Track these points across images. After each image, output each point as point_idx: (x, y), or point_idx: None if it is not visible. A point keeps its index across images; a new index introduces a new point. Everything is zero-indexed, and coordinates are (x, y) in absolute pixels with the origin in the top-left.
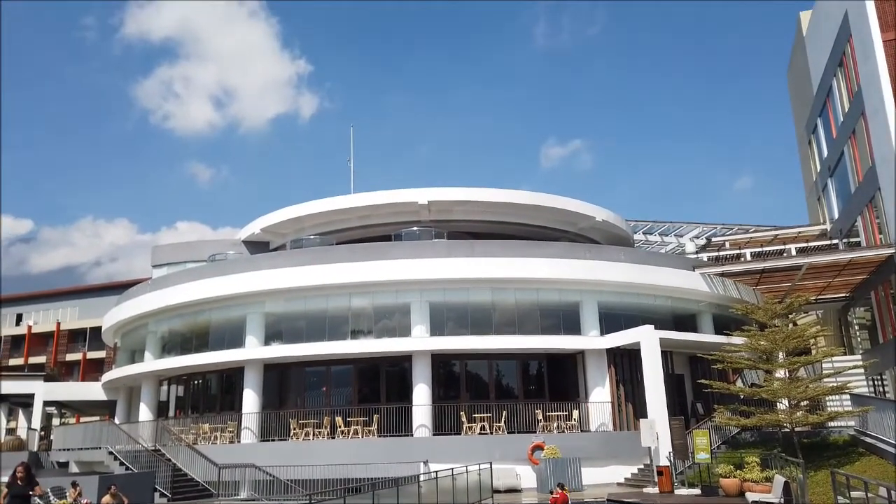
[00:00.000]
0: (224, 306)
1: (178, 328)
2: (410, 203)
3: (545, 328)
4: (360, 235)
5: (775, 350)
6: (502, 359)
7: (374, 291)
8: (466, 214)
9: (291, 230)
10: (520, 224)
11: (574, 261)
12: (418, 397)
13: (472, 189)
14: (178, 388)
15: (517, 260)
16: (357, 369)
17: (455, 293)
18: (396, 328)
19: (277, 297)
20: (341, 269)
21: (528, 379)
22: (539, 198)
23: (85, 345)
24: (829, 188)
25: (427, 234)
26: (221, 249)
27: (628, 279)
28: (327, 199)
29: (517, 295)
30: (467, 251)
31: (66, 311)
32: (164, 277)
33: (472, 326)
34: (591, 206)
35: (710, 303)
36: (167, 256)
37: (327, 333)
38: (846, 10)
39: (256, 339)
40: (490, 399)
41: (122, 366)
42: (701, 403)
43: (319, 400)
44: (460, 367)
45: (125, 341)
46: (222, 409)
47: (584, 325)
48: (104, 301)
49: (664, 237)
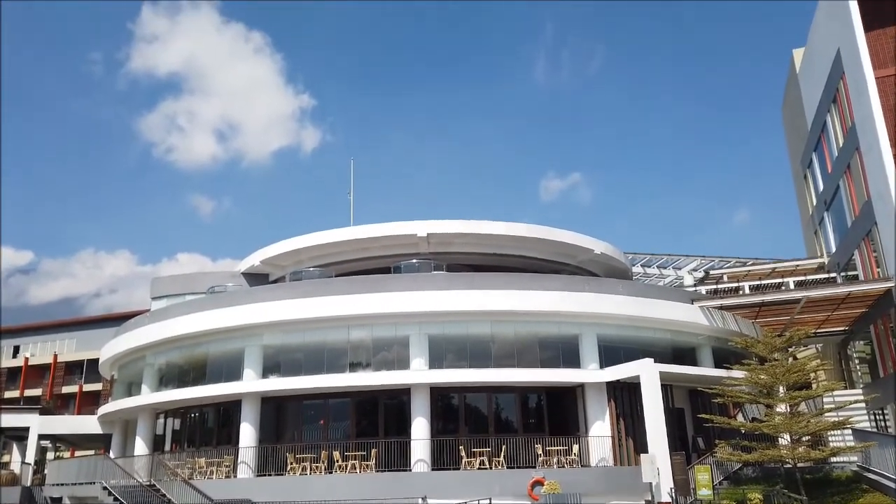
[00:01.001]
0: (222, 339)
1: (175, 361)
2: (409, 235)
3: (544, 361)
4: (359, 267)
5: (776, 384)
6: (502, 392)
7: (372, 324)
8: (465, 247)
9: (291, 262)
10: (519, 256)
11: (573, 293)
12: (417, 431)
13: (471, 221)
14: (175, 421)
15: (516, 292)
16: (355, 402)
17: (454, 326)
18: (395, 361)
19: (276, 330)
20: (340, 302)
21: (527, 412)
22: (538, 230)
23: (82, 377)
24: (825, 222)
25: (426, 266)
26: (221, 281)
27: (627, 312)
28: (326, 231)
29: (516, 327)
30: (466, 283)
31: (63, 343)
32: (163, 309)
33: (471, 359)
34: (590, 239)
35: (709, 336)
36: (166, 288)
37: (325, 366)
38: (838, 47)
39: (254, 372)
40: (489, 433)
41: (118, 399)
42: (702, 438)
43: (317, 434)
44: (459, 400)
45: (122, 374)
46: (219, 443)
47: (584, 358)
48: (102, 333)
49: (662, 270)
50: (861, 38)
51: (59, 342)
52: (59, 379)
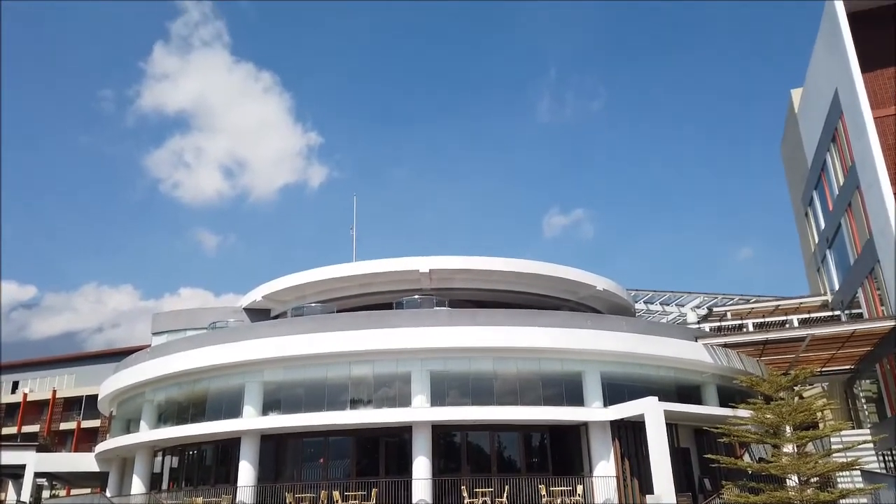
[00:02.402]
0: (222, 375)
1: (175, 397)
2: (412, 271)
3: (547, 398)
4: (361, 303)
5: (782, 423)
6: (504, 430)
7: (374, 360)
8: (467, 283)
9: (293, 298)
10: (521, 293)
11: (575, 330)
12: (418, 470)
13: (473, 258)
14: (173, 459)
15: (519, 329)
16: (356, 440)
17: (456, 362)
18: (396, 397)
19: (277, 366)
20: (341, 338)
21: (530, 451)
22: (540, 266)
23: (80, 413)
24: (828, 259)
25: (428, 302)
26: (222, 317)
27: (630, 349)
28: (328, 266)
29: (519, 364)
30: (469, 319)
31: (63, 379)
32: (163, 345)
33: (473, 396)
34: (592, 276)
35: (713, 374)
36: (167, 324)
37: (326, 403)
38: (836, 87)
39: (254, 409)
40: (492, 472)
41: (116, 435)
42: (708, 479)
43: (317, 472)
44: (461, 438)
45: (121, 410)
46: (217, 482)
47: (587, 395)
48: (102, 368)
49: (665, 307)
50: (858, 79)
51: (58, 378)
52: (57, 415)
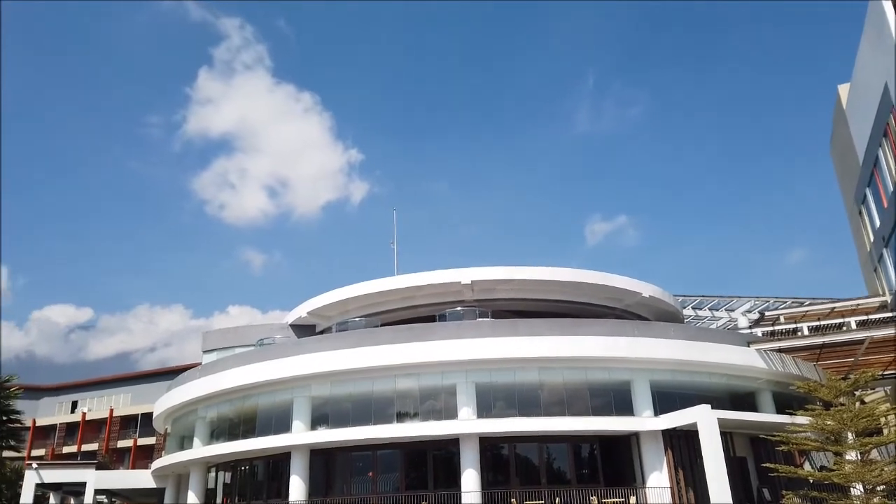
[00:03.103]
0: (271, 391)
1: (226, 413)
2: (453, 283)
3: (596, 409)
4: (404, 316)
5: (844, 430)
6: (552, 441)
7: (419, 373)
8: (510, 293)
9: (337, 313)
10: (564, 302)
11: (622, 338)
12: (467, 483)
13: (515, 268)
14: (226, 474)
15: (564, 338)
16: (404, 453)
17: (501, 373)
18: (443, 410)
19: (323, 381)
20: (386, 351)
21: (580, 462)
22: (583, 275)
23: (136, 431)
24: (885, 258)
25: (471, 313)
26: (269, 334)
27: (680, 356)
28: (371, 281)
29: (565, 374)
30: (512, 330)
31: (119, 398)
32: (214, 363)
33: (519, 407)
34: (637, 282)
35: (768, 380)
36: (217, 342)
37: (373, 416)
38: (885, 81)
39: (303, 424)
40: (541, 484)
41: (171, 452)
42: (767, 489)
43: (366, 486)
44: (509, 450)
45: (175, 427)
46: (269, 497)
47: (637, 405)
48: (156, 387)
49: (714, 312)
50: None
51: (114, 397)
52: (114, 433)
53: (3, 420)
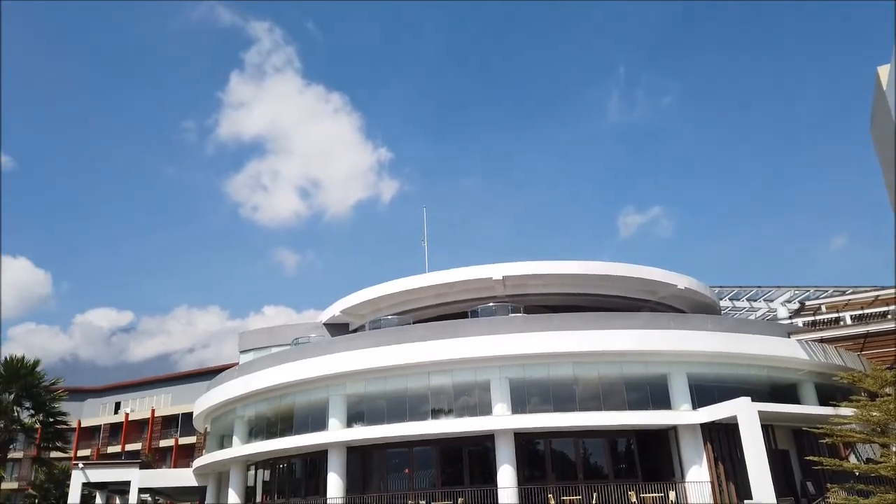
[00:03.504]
0: (307, 389)
1: (264, 412)
2: (485, 279)
3: (632, 403)
4: (436, 313)
5: (890, 421)
6: (589, 436)
7: (452, 369)
8: (542, 288)
9: (369, 311)
10: (597, 295)
11: (658, 331)
12: (503, 479)
13: (547, 262)
14: (265, 472)
15: (598, 332)
16: (439, 450)
17: (535, 369)
18: (477, 406)
19: (358, 379)
20: (419, 348)
21: (617, 457)
22: (616, 268)
23: (177, 431)
24: None
25: (503, 309)
26: (304, 333)
27: (718, 349)
28: (403, 279)
29: (600, 368)
30: (545, 325)
31: (160, 398)
32: (250, 363)
33: (554, 403)
34: (672, 274)
35: (810, 371)
36: (253, 342)
37: (408, 413)
38: None
39: (339, 422)
40: (578, 480)
41: (211, 451)
42: (811, 482)
43: (403, 482)
44: (545, 445)
45: (215, 426)
46: (307, 494)
47: (674, 398)
48: (195, 387)
49: (752, 303)
50: None
51: (156, 397)
52: (156, 433)
53: (50, 422)
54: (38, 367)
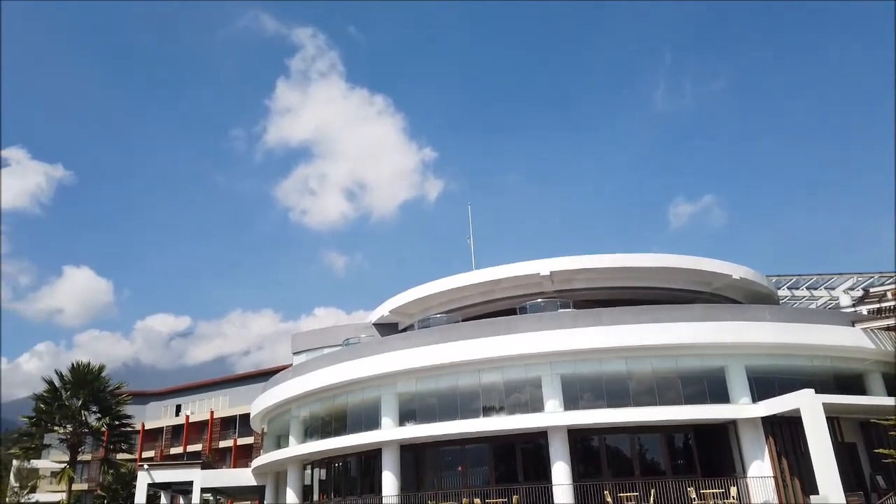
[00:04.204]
0: (359, 389)
1: (318, 412)
2: (532, 275)
3: (689, 397)
4: (484, 311)
5: None
6: (644, 432)
7: (503, 366)
8: (591, 282)
9: (418, 310)
10: (648, 288)
11: (714, 323)
12: (557, 476)
13: (595, 256)
14: (321, 471)
15: (651, 326)
16: (492, 447)
17: (586, 364)
18: (528, 403)
19: (409, 377)
20: (469, 346)
21: (674, 453)
22: (667, 259)
23: (235, 431)
24: None
25: (552, 305)
26: (354, 333)
27: (778, 339)
28: (450, 277)
29: (654, 363)
30: (596, 320)
31: (218, 400)
32: (303, 364)
33: (608, 398)
34: (727, 264)
35: (877, 360)
36: (305, 343)
37: (459, 411)
38: None
39: (391, 420)
40: (635, 476)
41: (269, 451)
42: (881, 476)
43: (456, 480)
44: (599, 441)
45: (271, 427)
46: (363, 492)
47: (733, 391)
48: (251, 389)
49: (813, 291)
50: None
51: (214, 399)
52: (215, 434)
53: (116, 425)
54: (103, 372)
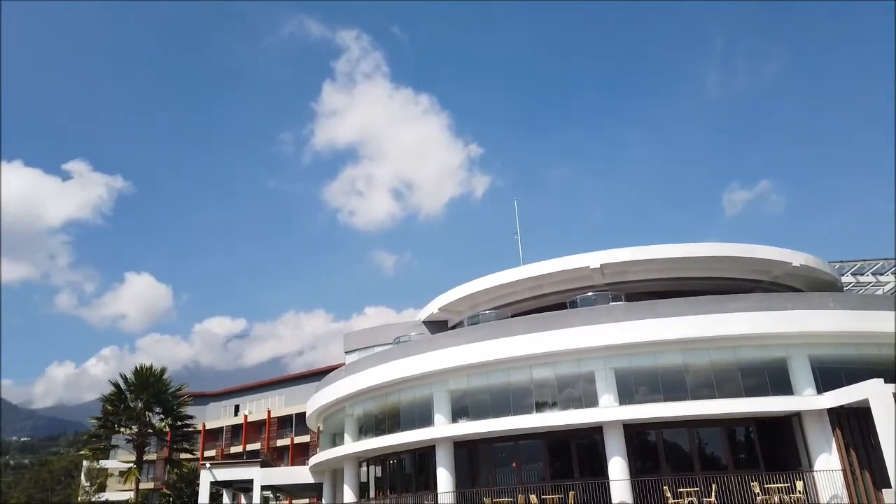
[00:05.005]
0: (411, 386)
1: (371, 410)
2: (582, 268)
3: (749, 389)
4: (533, 306)
5: None
6: (703, 426)
7: (554, 362)
8: (643, 274)
9: (467, 307)
10: (703, 279)
11: (774, 312)
12: (614, 471)
13: (647, 247)
14: (376, 468)
15: (708, 317)
16: (546, 443)
17: (641, 358)
18: (582, 398)
19: (460, 374)
20: (520, 342)
21: (736, 447)
22: (723, 248)
23: (292, 430)
24: None
25: (603, 298)
26: (404, 331)
27: (843, 328)
28: (498, 273)
29: (711, 355)
30: (650, 312)
31: (274, 400)
32: (355, 363)
33: (664, 392)
34: (786, 251)
35: None
36: (357, 342)
37: (512, 407)
38: None
39: (444, 417)
40: (695, 471)
41: (324, 449)
42: None
43: (511, 476)
44: (656, 436)
45: (326, 425)
46: (418, 489)
47: (796, 383)
48: (305, 388)
49: (879, 276)
50: None
51: (270, 399)
52: (273, 433)
53: (178, 425)
54: (164, 374)
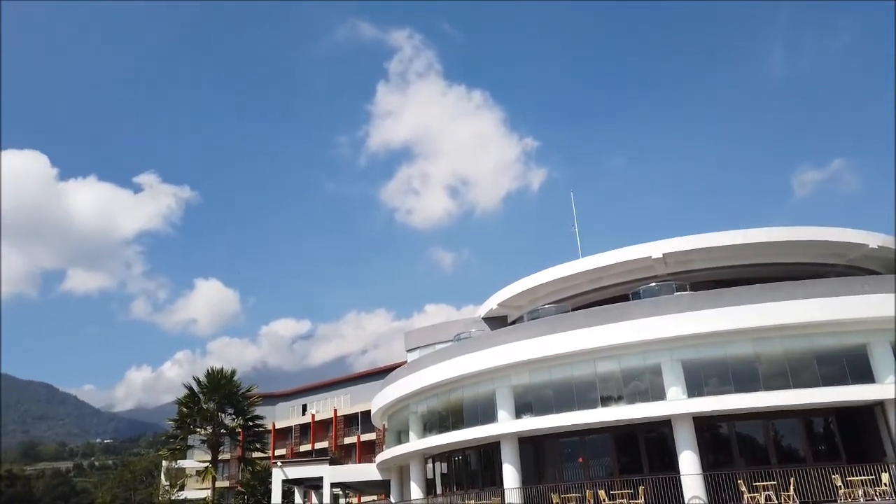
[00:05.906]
0: (473, 383)
1: (435, 407)
2: (643, 259)
3: (826, 378)
4: (593, 299)
5: None
6: (778, 417)
7: (619, 354)
8: (707, 262)
9: (526, 302)
10: (773, 265)
11: (851, 297)
12: (685, 465)
13: (711, 234)
14: (442, 465)
15: (779, 304)
16: (613, 437)
17: (709, 349)
18: (649, 391)
19: (522, 370)
20: (581, 335)
21: (814, 438)
22: (793, 232)
23: (358, 428)
24: None
25: (667, 288)
26: (464, 328)
27: None
28: (557, 266)
29: (784, 343)
30: (717, 301)
31: (340, 399)
32: (417, 361)
33: (735, 383)
34: (862, 233)
35: None
36: (418, 340)
37: (576, 402)
38: None
39: (507, 413)
40: (771, 464)
41: (390, 446)
42: None
43: (577, 472)
44: (728, 429)
45: (391, 423)
46: (484, 485)
47: (878, 370)
48: (370, 387)
49: None
50: None
51: (336, 398)
52: (340, 431)
53: (249, 425)
54: (234, 376)
